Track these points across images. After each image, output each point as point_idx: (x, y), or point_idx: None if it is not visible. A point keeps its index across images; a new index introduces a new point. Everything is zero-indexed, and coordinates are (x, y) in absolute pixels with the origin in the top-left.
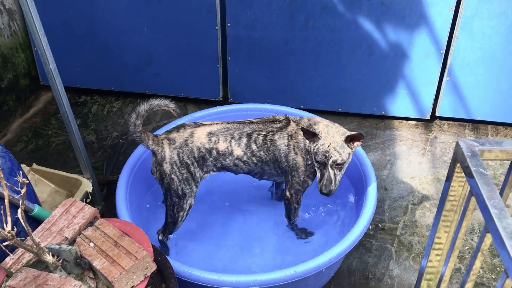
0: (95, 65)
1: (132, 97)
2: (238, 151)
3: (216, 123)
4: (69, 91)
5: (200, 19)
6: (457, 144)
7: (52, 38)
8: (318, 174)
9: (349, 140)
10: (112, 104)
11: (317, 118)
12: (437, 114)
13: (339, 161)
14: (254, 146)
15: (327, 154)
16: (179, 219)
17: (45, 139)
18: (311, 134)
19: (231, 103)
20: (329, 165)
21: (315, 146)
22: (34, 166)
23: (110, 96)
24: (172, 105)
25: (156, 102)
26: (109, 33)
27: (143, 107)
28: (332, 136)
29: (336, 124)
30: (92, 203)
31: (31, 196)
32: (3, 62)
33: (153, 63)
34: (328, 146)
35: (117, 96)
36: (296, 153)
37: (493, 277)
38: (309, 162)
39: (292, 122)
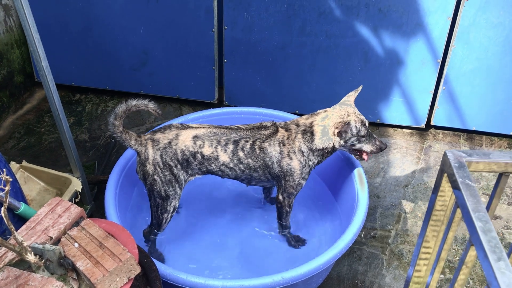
0: (90, 63)
1: (127, 96)
2: (224, 157)
3: (203, 127)
4: (64, 89)
5: (197, 20)
6: (445, 154)
7: (48, 35)
8: (364, 144)
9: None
10: (106, 103)
11: (299, 118)
12: (432, 123)
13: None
14: (241, 153)
15: (364, 122)
16: (163, 220)
17: (38, 137)
18: (345, 126)
19: (226, 105)
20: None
21: (349, 132)
22: (24, 163)
23: (105, 95)
24: (151, 105)
25: (133, 102)
26: (106, 32)
27: (121, 107)
28: (345, 110)
29: (318, 111)
30: (81, 203)
31: (18, 194)
32: None
33: (149, 63)
34: (357, 117)
35: (112, 95)
36: (290, 158)
37: None
38: (311, 163)
39: (280, 129)
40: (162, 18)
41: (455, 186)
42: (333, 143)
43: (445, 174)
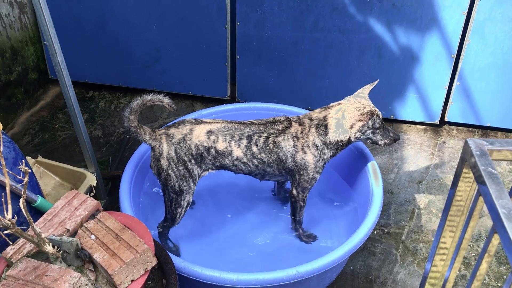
0: (104, 60)
1: (140, 93)
2: (237, 152)
3: (217, 122)
4: (77, 86)
5: (210, 17)
6: (466, 142)
7: (63, 32)
8: (378, 136)
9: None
10: (119, 100)
11: (313, 112)
12: (446, 119)
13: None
14: (255, 148)
15: (378, 114)
16: (177, 215)
17: (52, 133)
18: (370, 116)
19: (238, 102)
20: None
21: (368, 122)
22: (39, 158)
23: (118, 92)
24: (166, 100)
25: (149, 97)
26: (119, 29)
27: (137, 102)
28: (360, 102)
29: (331, 104)
30: (96, 198)
31: (35, 187)
32: (13, 55)
33: (162, 60)
34: (371, 108)
35: (125, 92)
36: (305, 152)
37: (499, 285)
38: (325, 156)
39: (293, 123)
40: (175, 14)
41: (477, 174)
42: (349, 136)
43: (466, 163)
